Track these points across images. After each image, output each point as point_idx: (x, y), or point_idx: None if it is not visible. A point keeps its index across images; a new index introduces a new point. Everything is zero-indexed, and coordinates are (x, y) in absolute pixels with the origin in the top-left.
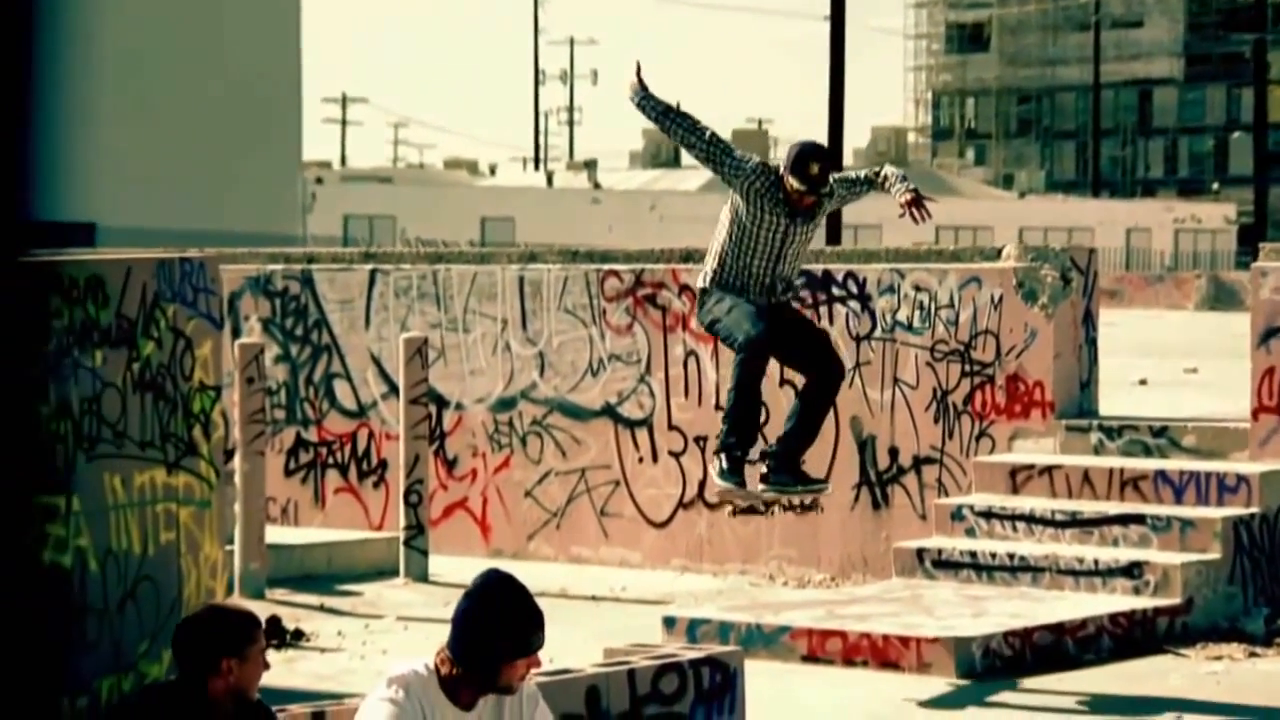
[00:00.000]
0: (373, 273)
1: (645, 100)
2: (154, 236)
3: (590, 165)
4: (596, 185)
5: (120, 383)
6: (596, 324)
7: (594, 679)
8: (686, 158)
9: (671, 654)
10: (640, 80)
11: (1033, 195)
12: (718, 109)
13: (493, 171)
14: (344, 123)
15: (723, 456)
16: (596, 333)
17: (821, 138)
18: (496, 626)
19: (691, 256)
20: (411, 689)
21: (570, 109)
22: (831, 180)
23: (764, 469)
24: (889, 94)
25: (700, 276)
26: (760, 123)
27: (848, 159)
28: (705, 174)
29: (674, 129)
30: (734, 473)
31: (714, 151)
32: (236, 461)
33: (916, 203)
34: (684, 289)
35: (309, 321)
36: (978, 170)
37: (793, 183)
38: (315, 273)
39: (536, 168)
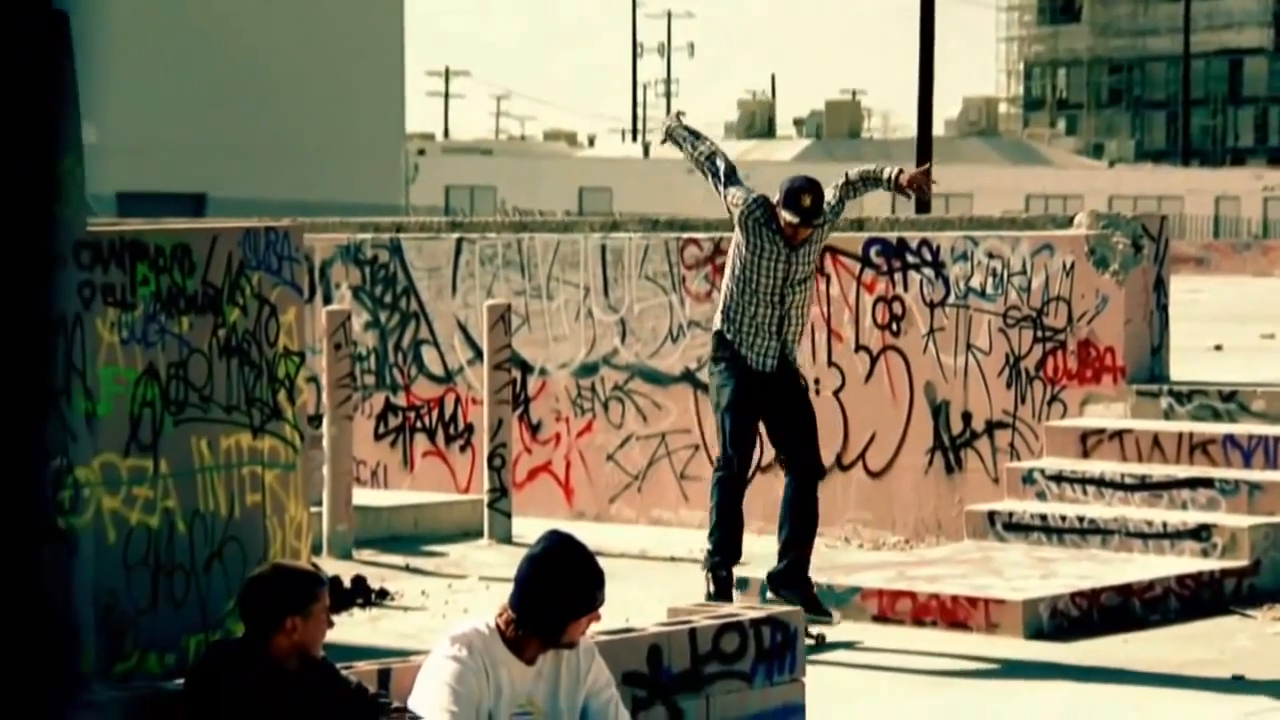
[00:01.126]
0: (459, 241)
1: (680, 132)
2: (261, 206)
3: None
4: None
5: (206, 348)
6: (676, 291)
7: (655, 638)
8: (781, 128)
9: (733, 613)
10: (680, 121)
11: (1122, 165)
12: (810, 81)
13: (591, 143)
14: (447, 96)
15: (709, 579)
16: (676, 299)
17: (912, 109)
18: (561, 586)
19: None
20: (474, 647)
21: (667, 81)
22: (826, 210)
23: (772, 579)
24: (981, 65)
25: (716, 317)
26: (854, 94)
27: (939, 129)
28: (799, 144)
29: (699, 154)
30: (720, 595)
31: (730, 175)
32: (324, 425)
33: (918, 177)
34: None
35: (398, 289)
36: (1069, 140)
37: (786, 216)
38: (404, 241)
39: (634, 139)
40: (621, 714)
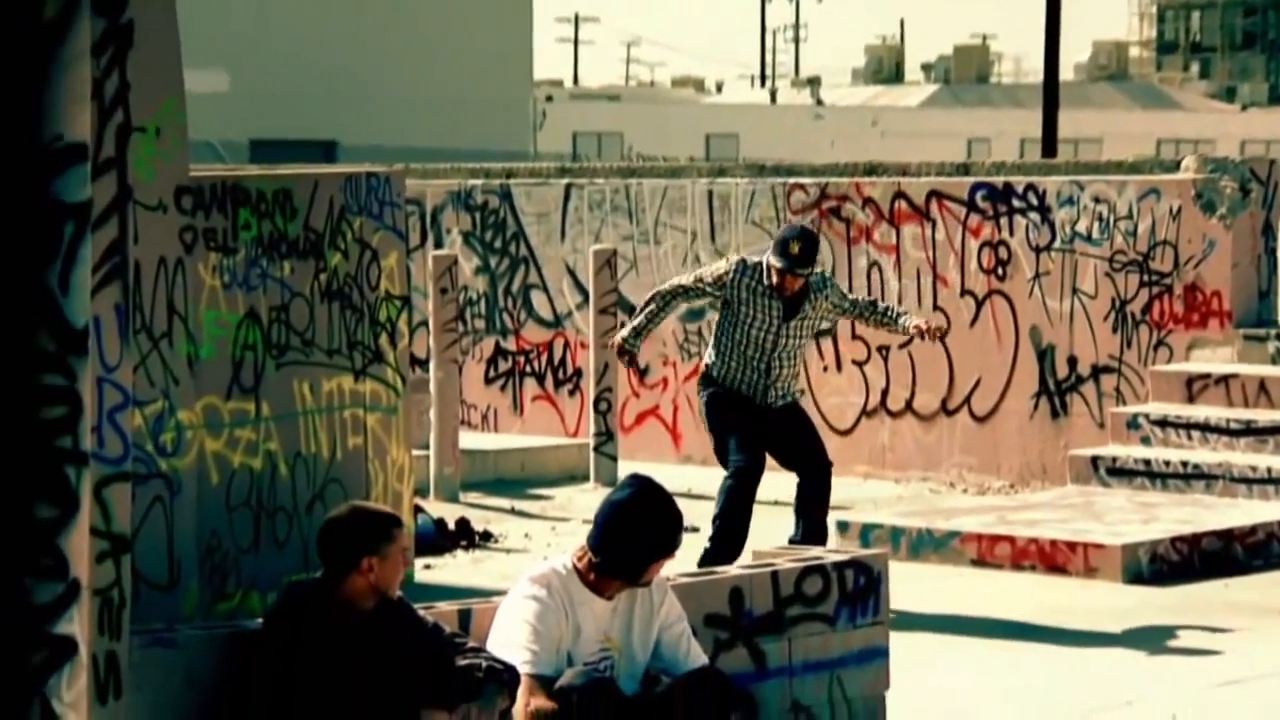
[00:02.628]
0: (568, 187)
1: (640, 327)
2: (390, 154)
3: (813, 82)
4: (819, 102)
5: (308, 292)
6: None
7: (737, 580)
8: (910, 73)
9: (816, 556)
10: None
11: (1256, 108)
12: (939, 26)
13: (719, 89)
14: (576, 42)
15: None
16: None
17: (1039, 53)
18: (644, 530)
19: (875, 170)
20: (553, 587)
21: (796, 26)
22: (830, 285)
23: None
24: (1112, 8)
25: (707, 354)
26: (984, 38)
27: (1067, 74)
28: (927, 89)
29: (666, 305)
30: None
31: (699, 289)
32: (431, 369)
33: (929, 330)
34: (867, 202)
35: (507, 234)
36: (1201, 84)
37: (772, 260)
38: (513, 187)
39: (762, 85)
40: (693, 647)
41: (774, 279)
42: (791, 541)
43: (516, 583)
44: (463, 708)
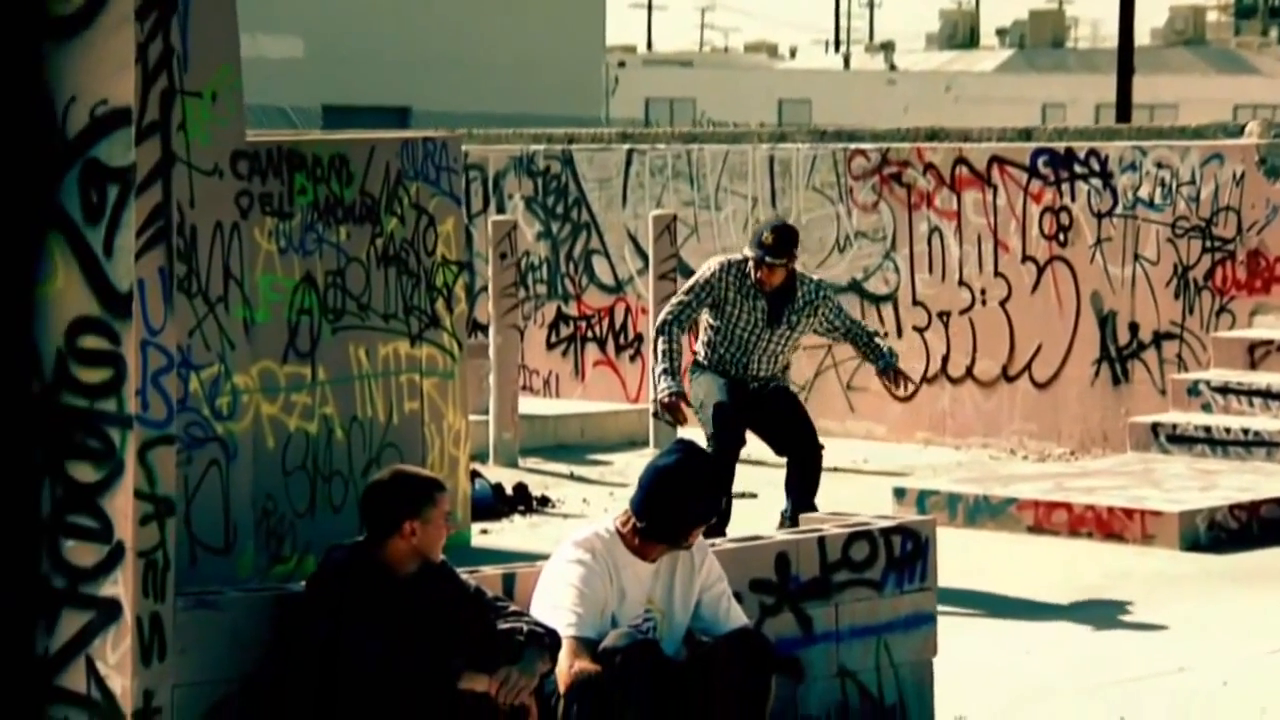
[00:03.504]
0: (629, 152)
1: (675, 372)
2: (463, 119)
3: (887, 47)
4: (892, 67)
5: (364, 257)
6: (843, 201)
7: (783, 545)
8: (985, 38)
9: (863, 522)
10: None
11: None
12: None
13: (793, 54)
14: (650, 7)
15: None
16: (843, 210)
17: (1115, 18)
18: (690, 494)
19: (937, 135)
20: (597, 551)
21: None
22: (824, 298)
23: None
24: None
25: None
26: (1059, 2)
27: (1143, 38)
28: (1001, 55)
29: (684, 330)
30: None
31: (696, 300)
32: (490, 334)
33: (896, 375)
34: (929, 167)
35: (569, 200)
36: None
37: (748, 252)
38: (575, 153)
39: (836, 50)
40: (733, 607)
41: (754, 273)
42: (784, 515)
43: (560, 547)
44: (502, 671)
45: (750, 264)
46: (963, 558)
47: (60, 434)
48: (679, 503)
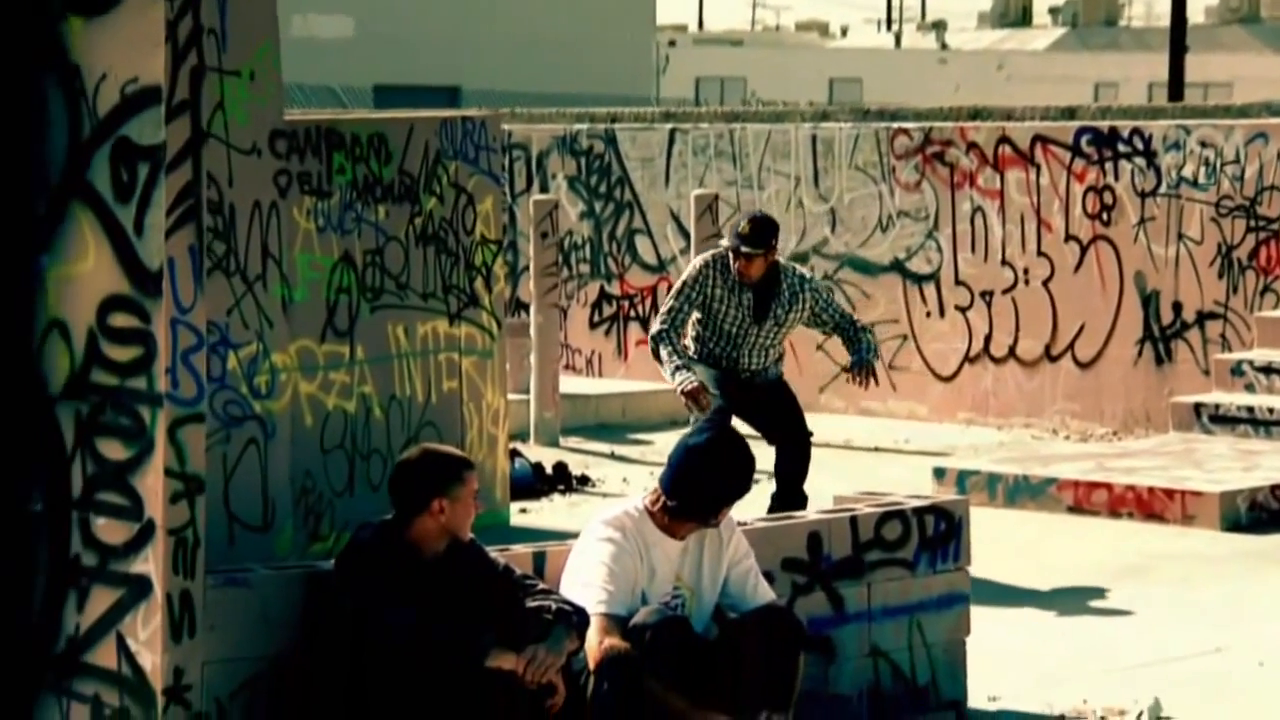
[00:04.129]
0: (672, 132)
1: (687, 365)
2: (513, 98)
3: (939, 26)
4: (944, 46)
5: (403, 236)
6: (886, 180)
7: (815, 524)
8: (1037, 16)
9: (896, 501)
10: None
11: None
12: None
13: (844, 33)
14: None
15: None
16: (886, 189)
17: None
18: (721, 473)
19: (980, 114)
20: (627, 529)
21: None
22: (810, 288)
23: None
24: None
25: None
26: None
27: (1197, 16)
28: (1054, 33)
29: (681, 332)
30: None
31: (688, 300)
32: (531, 313)
33: (865, 371)
34: (971, 147)
35: (612, 179)
36: None
37: (724, 242)
38: (618, 132)
39: (888, 29)
40: (760, 583)
41: (733, 264)
42: (774, 498)
43: (589, 526)
44: (530, 649)
45: (729, 255)
46: (1002, 538)
47: (91, 412)
48: (709, 481)
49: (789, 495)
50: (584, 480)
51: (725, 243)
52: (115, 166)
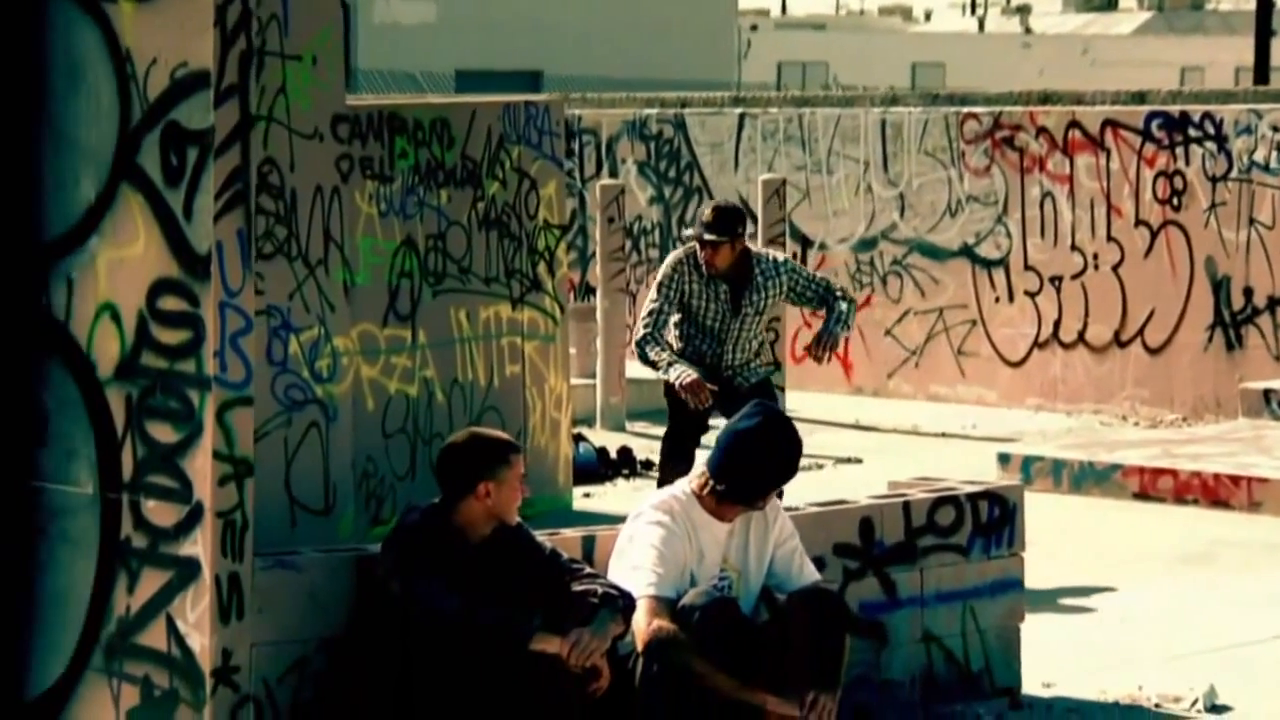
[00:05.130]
0: (741, 116)
1: (679, 360)
2: (594, 83)
3: (1023, 10)
4: (1028, 30)
5: (465, 221)
6: (955, 165)
7: (867, 510)
8: (1123, 0)
9: (949, 487)
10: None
11: None
12: None
13: (927, 17)
14: None
15: None
16: (955, 174)
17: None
18: (770, 457)
19: (1050, 99)
20: (675, 512)
21: None
22: (785, 270)
23: None
24: None
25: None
26: None
27: None
28: (1140, 17)
29: (666, 332)
30: None
31: (668, 299)
32: (598, 298)
33: (825, 344)
34: (1041, 131)
35: (681, 164)
36: None
37: (690, 231)
38: (687, 116)
39: (972, 13)
40: (806, 563)
41: (700, 254)
42: None
43: (637, 510)
44: (574, 633)
45: (695, 241)
46: (1065, 524)
47: (141, 395)
48: (757, 465)
49: None
50: (648, 465)
51: (690, 231)
52: (165, 150)
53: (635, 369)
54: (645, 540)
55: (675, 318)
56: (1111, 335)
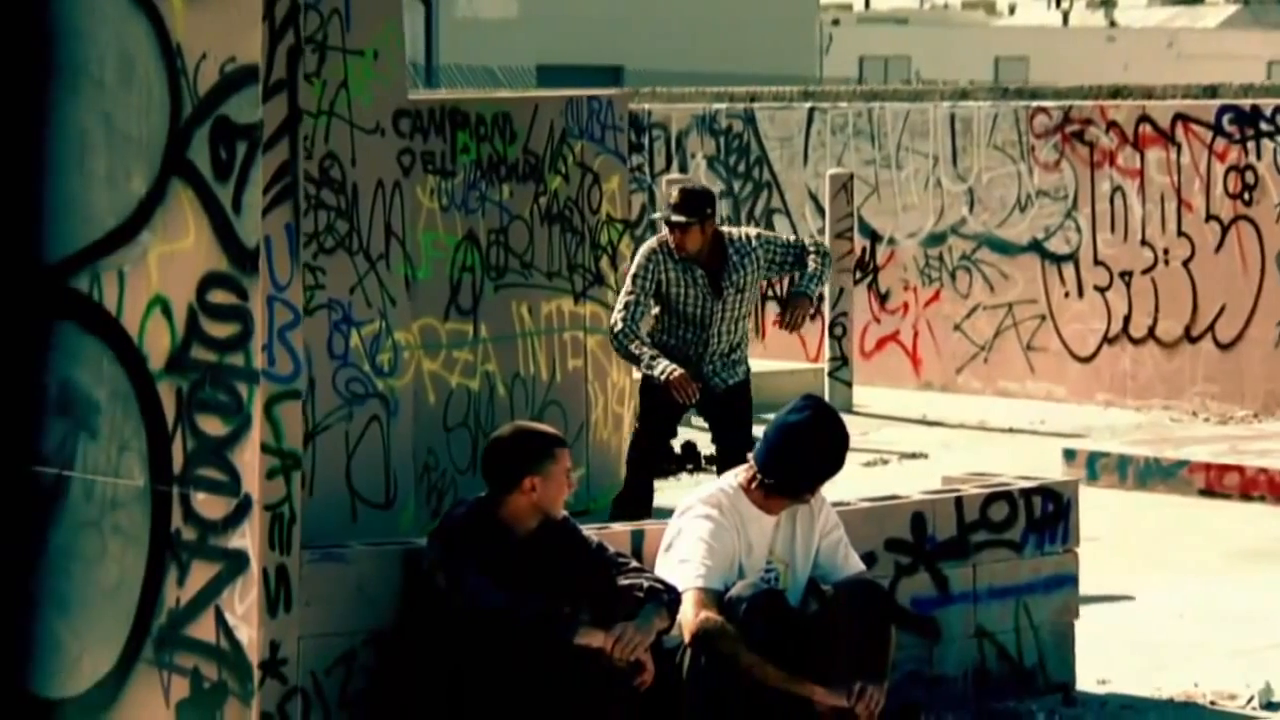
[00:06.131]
0: (811, 111)
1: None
2: (675, 78)
3: (1108, 3)
4: (1112, 23)
5: (527, 215)
6: (1025, 160)
7: (920, 505)
8: None
9: (1003, 483)
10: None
11: None
12: None
13: (1011, 11)
14: None
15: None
16: (1025, 168)
17: None
18: (819, 450)
19: (1120, 93)
20: (723, 506)
21: None
22: (761, 244)
23: None
24: None
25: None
26: None
27: None
28: (1227, 10)
29: (642, 325)
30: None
31: (643, 292)
32: None
33: (794, 310)
34: (1111, 125)
35: (750, 159)
36: None
37: (657, 215)
38: (757, 111)
39: (1056, 6)
40: (850, 554)
41: (670, 239)
42: None
43: (684, 504)
44: (618, 627)
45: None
46: (1129, 520)
47: (191, 388)
48: (806, 459)
49: None
50: (712, 459)
51: (657, 215)
52: (214, 145)
53: None
54: (694, 533)
55: (656, 310)
56: (1182, 331)
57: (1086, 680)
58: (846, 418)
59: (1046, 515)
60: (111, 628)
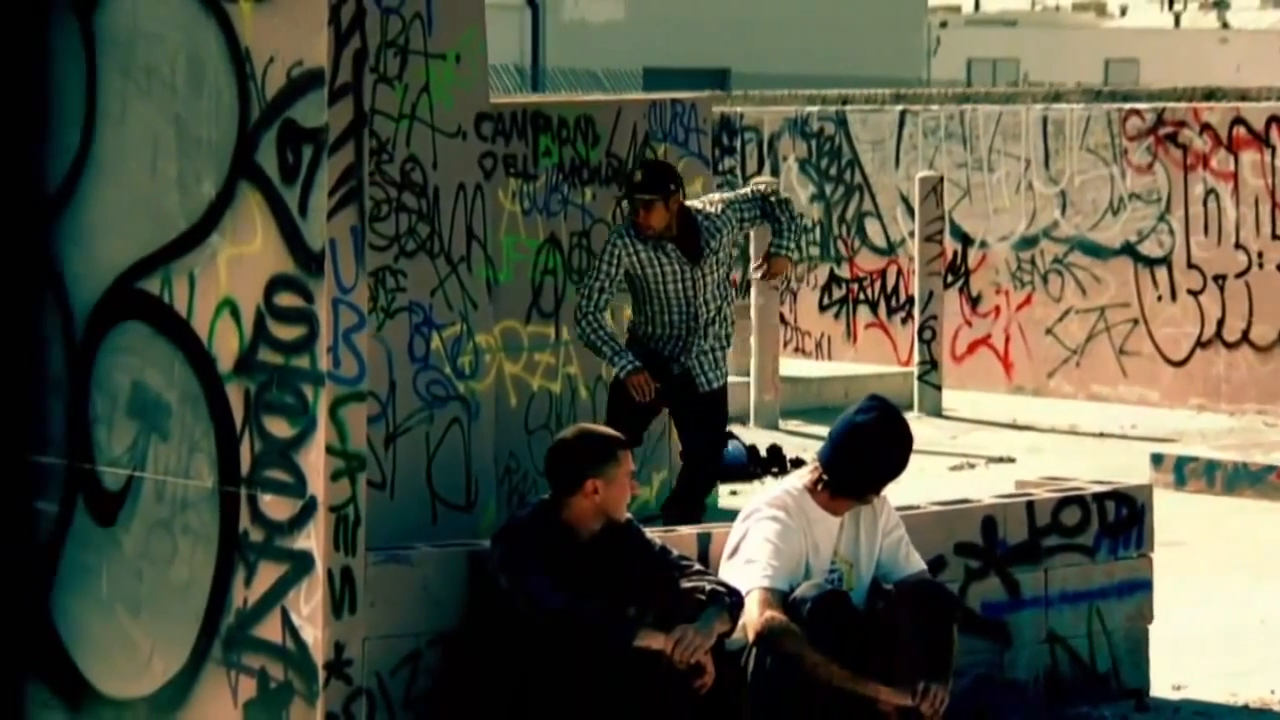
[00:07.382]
0: (902, 114)
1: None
2: (781, 81)
3: (1221, 5)
4: (1225, 25)
5: (610, 219)
6: (1117, 162)
7: (990, 509)
8: None
9: (1076, 487)
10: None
11: None
12: None
13: (1123, 13)
14: None
15: None
16: (1117, 171)
17: None
18: (885, 451)
19: (1214, 95)
20: (789, 507)
21: None
22: (728, 207)
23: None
24: None
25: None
26: None
27: None
28: None
29: (606, 313)
30: None
31: (609, 279)
32: (751, 295)
33: (773, 271)
34: (1205, 128)
35: (842, 161)
36: None
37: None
38: (849, 114)
39: (1169, 8)
40: (911, 552)
41: (637, 219)
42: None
43: (749, 508)
44: (679, 629)
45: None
46: (1215, 525)
47: (258, 390)
48: (872, 460)
49: (686, 509)
50: (798, 463)
51: (621, 194)
52: (282, 148)
53: (792, 367)
54: (760, 535)
55: (637, 300)
56: (1276, 334)
57: (1161, 686)
58: (936, 421)
59: (1120, 520)
60: (182, 628)
